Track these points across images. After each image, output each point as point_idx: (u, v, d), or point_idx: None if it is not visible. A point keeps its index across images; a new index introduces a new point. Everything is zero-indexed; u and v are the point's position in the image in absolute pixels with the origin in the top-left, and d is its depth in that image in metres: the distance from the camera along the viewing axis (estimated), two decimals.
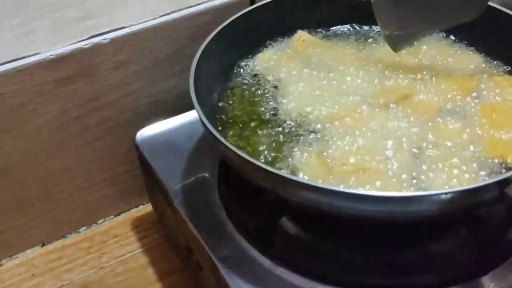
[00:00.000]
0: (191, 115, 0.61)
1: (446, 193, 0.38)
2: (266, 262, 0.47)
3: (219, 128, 0.52)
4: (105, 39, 0.55)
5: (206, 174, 0.56)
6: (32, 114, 0.56)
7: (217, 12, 0.60)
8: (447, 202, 0.38)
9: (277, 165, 0.47)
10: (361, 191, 0.41)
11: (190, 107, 0.49)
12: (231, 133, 0.52)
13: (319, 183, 0.43)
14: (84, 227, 0.66)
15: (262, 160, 0.48)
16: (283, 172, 0.45)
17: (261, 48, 0.60)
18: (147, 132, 0.60)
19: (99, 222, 0.67)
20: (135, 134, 0.59)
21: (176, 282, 0.60)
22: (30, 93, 0.55)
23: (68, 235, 0.66)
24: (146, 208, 0.68)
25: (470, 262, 0.46)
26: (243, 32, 0.58)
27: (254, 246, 0.48)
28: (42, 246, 0.65)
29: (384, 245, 0.47)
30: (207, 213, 0.53)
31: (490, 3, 0.55)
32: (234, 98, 0.56)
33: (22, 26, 0.55)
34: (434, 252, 0.46)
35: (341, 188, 0.42)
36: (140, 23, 0.57)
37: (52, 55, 0.54)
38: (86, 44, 0.55)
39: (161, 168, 0.57)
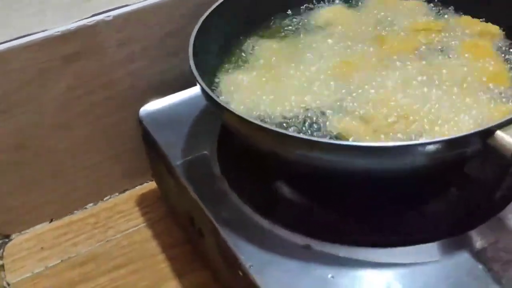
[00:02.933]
0: (193, 91, 0.63)
1: (427, 143, 0.40)
2: (265, 223, 0.49)
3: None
4: (108, 16, 0.58)
5: (207, 147, 0.57)
6: (41, 90, 0.59)
7: None
8: (430, 153, 0.40)
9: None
10: (346, 142, 0.44)
11: (193, 84, 0.52)
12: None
13: (314, 137, 0.44)
14: (91, 204, 0.69)
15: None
16: (289, 131, 0.47)
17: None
18: (150, 107, 0.62)
19: (105, 199, 0.69)
20: (139, 112, 0.62)
21: (178, 253, 0.62)
22: (38, 69, 0.58)
23: (76, 211, 0.68)
24: (150, 185, 0.70)
25: (459, 218, 0.48)
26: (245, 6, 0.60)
27: (254, 209, 0.50)
28: (50, 222, 0.67)
29: (376, 204, 0.49)
30: (208, 182, 0.54)
31: None
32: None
33: (30, 6, 0.58)
34: (425, 210, 0.48)
35: (331, 140, 0.45)
36: (142, 0, 0.59)
37: (58, 31, 0.56)
38: (89, 22, 0.57)
39: (164, 141, 0.58)
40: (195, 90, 0.62)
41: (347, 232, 0.47)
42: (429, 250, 0.45)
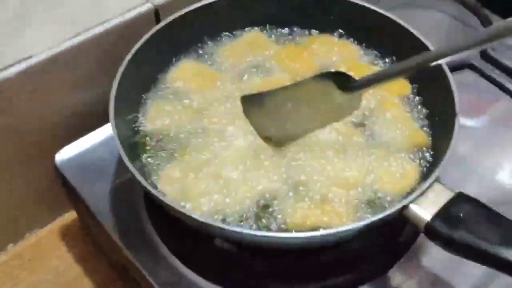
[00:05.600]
0: (108, 130, 0.60)
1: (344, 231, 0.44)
2: (203, 283, 0.51)
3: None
4: (11, 72, 0.53)
5: (134, 195, 0.57)
6: None
7: (125, 29, 0.59)
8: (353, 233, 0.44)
9: None
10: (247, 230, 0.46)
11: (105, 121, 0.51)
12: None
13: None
14: (11, 244, 0.66)
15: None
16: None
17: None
18: (67, 153, 0.59)
19: (25, 236, 0.67)
20: (55, 158, 0.59)
21: None
22: None
23: None
24: (72, 215, 0.68)
25: (377, 260, 0.53)
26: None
27: (194, 271, 0.51)
28: None
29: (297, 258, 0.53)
30: (141, 237, 0.55)
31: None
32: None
33: None
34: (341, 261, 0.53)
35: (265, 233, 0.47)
36: (45, 50, 0.55)
37: None
38: None
39: (87, 192, 0.57)
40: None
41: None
42: None
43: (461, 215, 0.44)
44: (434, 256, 0.52)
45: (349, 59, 0.62)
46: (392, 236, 0.53)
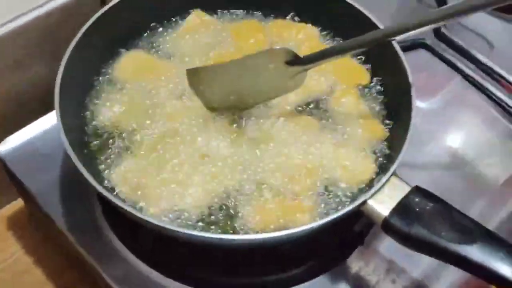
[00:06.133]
0: (52, 118, 0.57)
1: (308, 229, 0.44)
2: (160, 278, 0.51)
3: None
4: None
5: (84, 185, 0.54)
6: None
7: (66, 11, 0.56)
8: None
9: None
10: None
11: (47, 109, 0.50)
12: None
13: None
14: None
15: None
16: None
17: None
18: (10, 143, 0.56)
19: None
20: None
21: (69, 280, 0.60)
22: None
23: None
24: (19, 203, 0.65)
25: (335, 250, 0.54)
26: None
27: (149, 265, 0.51)
28: None
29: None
30: (92, 229, 0.53)
31: None
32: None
33: None
34: (300, 249, 0.52)
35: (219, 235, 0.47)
36: None
37: None
38: None
39: (34, 184, 0.55)
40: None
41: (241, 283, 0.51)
42: (313, 287, 0.51)
43: (417, 209, 0.45)
44: (389, 244, 0.53)
45: (309, 40, 0.60)
46: (348, 226, 0.54)
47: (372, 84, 0.58)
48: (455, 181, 0.60)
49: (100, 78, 0.56)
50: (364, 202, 0.45)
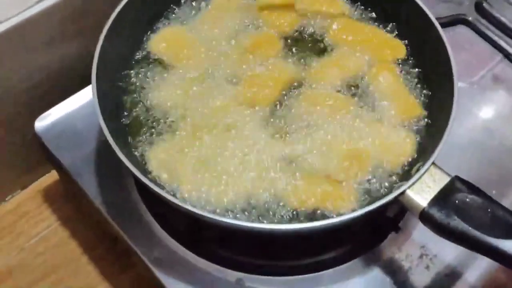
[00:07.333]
0: (88, 93, 0.56)
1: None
2: (197, 260, 0.51)
3: None
4: None
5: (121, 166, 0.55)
6: None
7: None
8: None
9: None
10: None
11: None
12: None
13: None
14: None
15: None
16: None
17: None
18: (47, 119, 0.57)
19: (7, 199, 0.65)
20: (35, 125, 0.56)
21: (102, 253, 0.61)
22: None
23: None
24: (53, 176, 0.65)
25: (369, 235, 0.53)
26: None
27: (186, 247, 0.51)
28: None
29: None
30: (127, 206, 0.53)
31: None
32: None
33: None
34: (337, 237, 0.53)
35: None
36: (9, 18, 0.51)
37: None
38: None
39: (71, 163, 0.55)
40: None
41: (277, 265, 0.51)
42: (346, 270, 0.51)
43: (456, 201, 0.44)
44: (423, 230, 0.52)
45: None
46: (383, 212, 0.53)
47: (410, 61, 0.57)
48: (491, 165, 0.59)
49: (137, 54, 0.56)
50: (403, 192, 0.45)
